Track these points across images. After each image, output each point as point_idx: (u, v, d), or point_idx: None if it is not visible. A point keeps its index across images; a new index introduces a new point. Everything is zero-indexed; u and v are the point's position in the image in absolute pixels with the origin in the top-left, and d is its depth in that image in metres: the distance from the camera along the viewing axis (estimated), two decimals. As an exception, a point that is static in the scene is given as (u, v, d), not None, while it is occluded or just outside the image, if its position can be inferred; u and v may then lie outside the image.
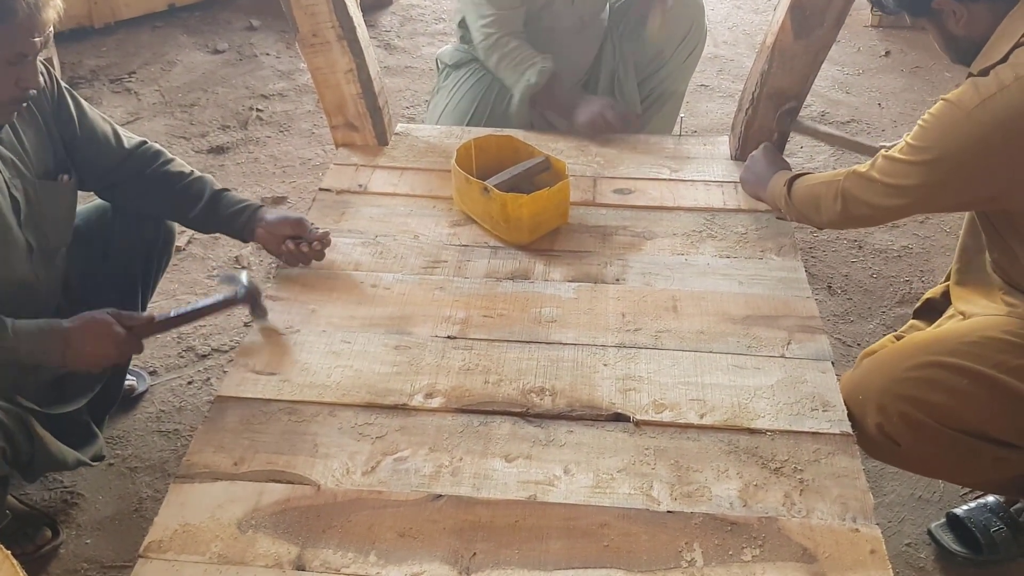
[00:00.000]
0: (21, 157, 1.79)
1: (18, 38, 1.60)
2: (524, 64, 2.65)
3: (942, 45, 1.80)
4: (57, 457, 1.82)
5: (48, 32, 1.65)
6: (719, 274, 2.10)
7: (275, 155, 3.46)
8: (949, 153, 1.68)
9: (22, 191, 1.79)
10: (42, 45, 1.65)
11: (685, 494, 1.58)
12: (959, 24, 1.71)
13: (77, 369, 1.82)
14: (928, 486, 2.15)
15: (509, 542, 1.50)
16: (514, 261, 2.15)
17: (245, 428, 1.71)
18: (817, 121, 3.63)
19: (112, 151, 1.98)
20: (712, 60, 4.14)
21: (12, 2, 1.56)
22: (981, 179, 1.69)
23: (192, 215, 2.04)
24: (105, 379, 2.04)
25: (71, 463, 1.88)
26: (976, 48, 1.72)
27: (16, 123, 1.78)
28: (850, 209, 1.88)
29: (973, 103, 1.64)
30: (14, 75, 1.64)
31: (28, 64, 1.65)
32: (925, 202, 1.81)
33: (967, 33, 1.72)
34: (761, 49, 2.42)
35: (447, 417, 1.73)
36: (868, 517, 1.53)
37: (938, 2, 1.70)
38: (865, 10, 4.37)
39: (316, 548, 1.49)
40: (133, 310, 2.09)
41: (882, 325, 2.62)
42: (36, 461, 1.78)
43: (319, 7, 2.35)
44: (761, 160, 2.31)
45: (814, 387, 1.78)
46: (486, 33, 2.67)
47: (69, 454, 1.86)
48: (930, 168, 1.71)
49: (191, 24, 4.42)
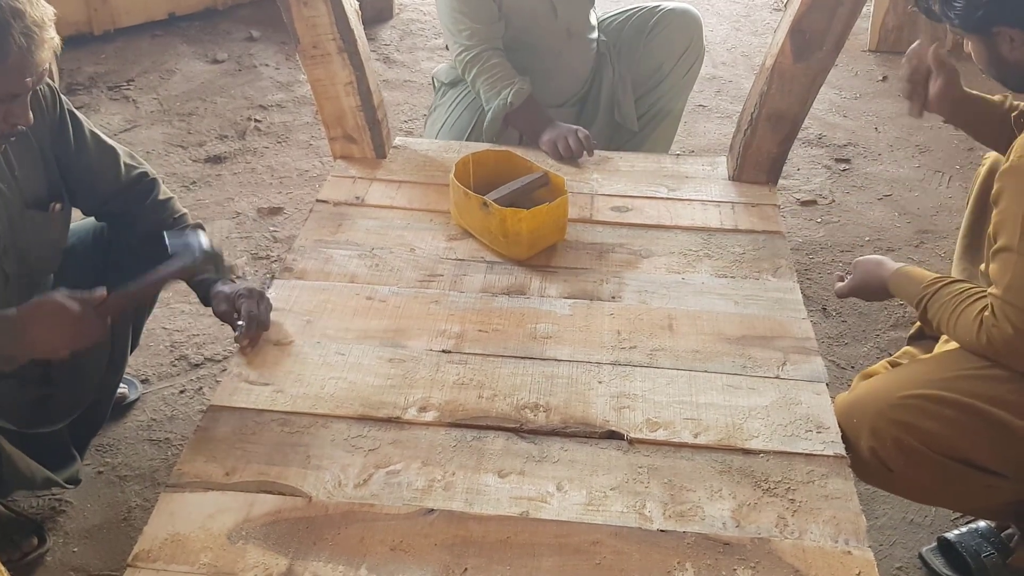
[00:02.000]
0: (9, 184, 1.75)
1: (9, 79, 1.56)
2: (502, 82, 2.69)
3: (985, 64, 1.76)
4: (25, 475, 1.77)
5: (43, 70, 1.61)
6: (715, 294, 2.10)
7: (272, 166, 3.46)
8: None
9: (5, 221, 1.75)
10: (34, 84, 1.61)
11: (678, 513, 1.57)
12: (1014, 52, 1.69)
13: (37, 358, 1.69)
14: (920, 510, 2.15)
15: (501, 558, 1.49)
16: (510, 276, 2.15)
17: (237, 438, 1.70)
18: (813, 144, 3.65)
19: (109, 181, 1.95)
20: (710, 81, 4.16)
21: (4, 44, 1.52)
22: None
23: None
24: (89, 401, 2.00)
25: (39, 483, 1.83)
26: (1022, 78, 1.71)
27: (9, 149, 1.74)
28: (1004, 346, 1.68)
29: None
30: (2, 112, 1.60)
31: (19, 103, 1.61)
32: None
33: (1019, 60, 1.70)
34: (760, 70, 2.44)
35: (440, 431, 1.73)
36: (861, 540, 1.53)
37: (999, 28, 1.68)
38: (863, 35, 4.41)
39: (306, 560, 1.48)
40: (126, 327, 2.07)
41: (876, 348, 2.62)
42: (2, 479, 1.73)
43: (321, 19, 2.35)
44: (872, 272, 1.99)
45: (808, 408, 1.78)
46: (465, 46, 2.70)
47: (39, 473, 1.81)
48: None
49: (191, 33, 4.42)
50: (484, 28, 2.68)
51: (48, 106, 1.81)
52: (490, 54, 2.69)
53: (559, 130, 2.67)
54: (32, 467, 1.79)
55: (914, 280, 1.84)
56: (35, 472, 1.80)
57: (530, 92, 2.69)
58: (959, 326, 1.71)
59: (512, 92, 2.67)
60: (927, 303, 1.78)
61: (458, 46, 2.72)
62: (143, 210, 1.99)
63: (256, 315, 1.90)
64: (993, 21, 1.68)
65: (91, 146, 1.91)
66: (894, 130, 3.79)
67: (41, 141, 1.82)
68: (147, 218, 1.98)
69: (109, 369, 2.05)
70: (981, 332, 1.66)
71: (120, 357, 2.09)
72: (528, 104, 2.70)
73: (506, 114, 2.71)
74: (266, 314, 1.93)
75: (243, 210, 3.20)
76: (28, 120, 1.65)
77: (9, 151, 1.75)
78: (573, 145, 2.63)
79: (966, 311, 1.70)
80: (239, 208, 3.21)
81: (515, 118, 2.73)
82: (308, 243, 2.24)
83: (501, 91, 2.69)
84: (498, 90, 2.69)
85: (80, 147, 1.88)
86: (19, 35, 1.52)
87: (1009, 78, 1.75)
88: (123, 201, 1.98)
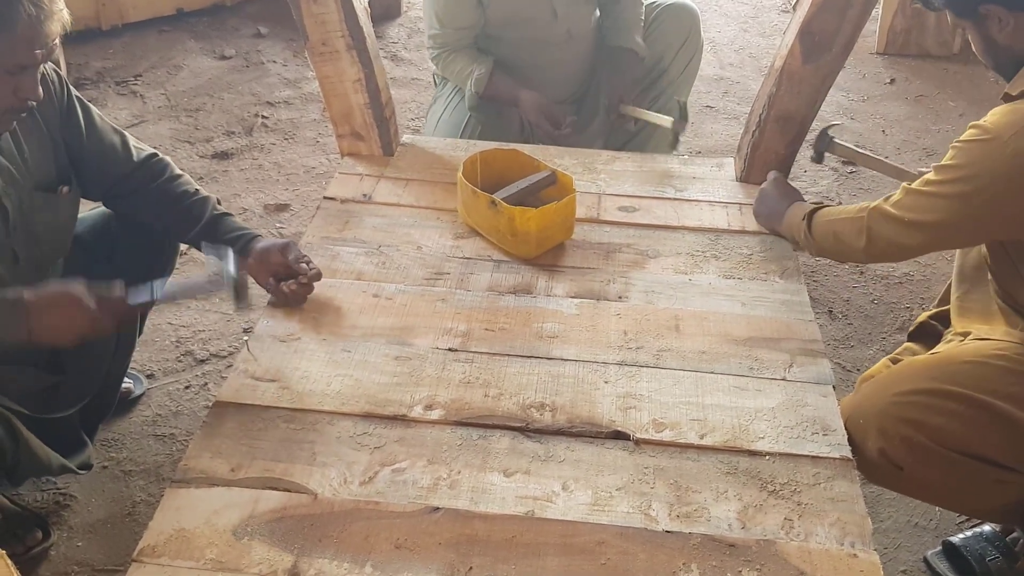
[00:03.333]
0: (18, 166, 1.76)
1: (18, 49, 1.56)
2: (463, 74, 2.80)
3: (981, 50, 1.76)
4: (43, 461, 1.79)
5: (52, 44, 1.61)
6: (722, 295, 2.09)
7: (279, 162, 3.46)
8: (982, 186, 1.62)
9: (15, 200, 1.76)
10: (44, 57, 1.61)
11: (684, 514, 1.57)
12: (1003, 32, 1.68)
13: (45, 344, 1.72)
14: (925, 513, 2.15)
15: (506, 557, 1.49)
16: (517, 275, 2.15)
17: (243, 434, 1.70)
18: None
19: (118, 163, 1.96)
20: (718, 82, 4.15)
21: (13, 12, 1.53)
22: (1015, 216, 1.65)
23: (190, 235, 1.99)
24: (98, 387, 2.01)
25: (55, 469, 1.84)
26: (1015, 62, 1.69)
27: (18, 131, 1.75)
28: (874, 247, 1.84)
29: (1011, 130, 1.59)
30: (12, 85, 1.61)
31: (28, 75, 1.61)
32: (953, 238, 1.77)
33: (1010, 43, 1.69)
34: (769, 72, 2.43)
35: (446, 429, 1.73)
36: (866, 542, 1.53)
37: (985, 7, 1.67)
38: (871, 37, 4.40)
39: (311, 557, 1.48)
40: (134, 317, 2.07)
41: (882, 351, 2.62)
42: (21, 464, 1.74)
43: (330, 16, 2.35)
44: (773, 192, 2.28)
45: (815, 411, 1.78)
46: (429, 46, 2.86)
47: (55, 459, 1.83)
48: (960, 202, 1.66)
49: (199, 29, 4.42)
50: (453, 33, 2.78)
51: (56, 91, 1.82)
52: (449, 53, 2.81)
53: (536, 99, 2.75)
54: (48, 453, 1.80)
55: (805, 206, 2.12)
56: (52, 459, 1.81)
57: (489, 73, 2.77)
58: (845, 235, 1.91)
59: (472, 82, 2.77)
60: (813, 215, 2.02)
61: (428, 44, 2.86)
62: (158, 188, 1.99)
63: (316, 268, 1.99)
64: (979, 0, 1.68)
65: (99, 128, 1.92)
66: (901, 133, 3.79)
67: (49, 125, 1.82)
68: (165, 194, 1.98)
69: (117, 353, 2.06)
70: (863, 225, 1.85)
71: (128, 342, 2.10)
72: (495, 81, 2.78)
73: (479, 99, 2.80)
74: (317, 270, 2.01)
75: (250, 206, 3.20)
76: (38, 95, 1.65)
77: (19, 133, 1.75)
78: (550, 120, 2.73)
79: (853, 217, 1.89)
80: (246, 204, 3.21)
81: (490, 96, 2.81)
82: (315, 240, 2.24)
83: (466, 82, 2.79)
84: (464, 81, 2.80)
85: (90, 131, 1.89)
86: (29, 3, 1.53)
87: (1003, 64, 1.74)
88: (134, 182, 1.98)
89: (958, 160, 1.67)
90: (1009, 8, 1.66)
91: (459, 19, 2.74)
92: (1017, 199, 1.62)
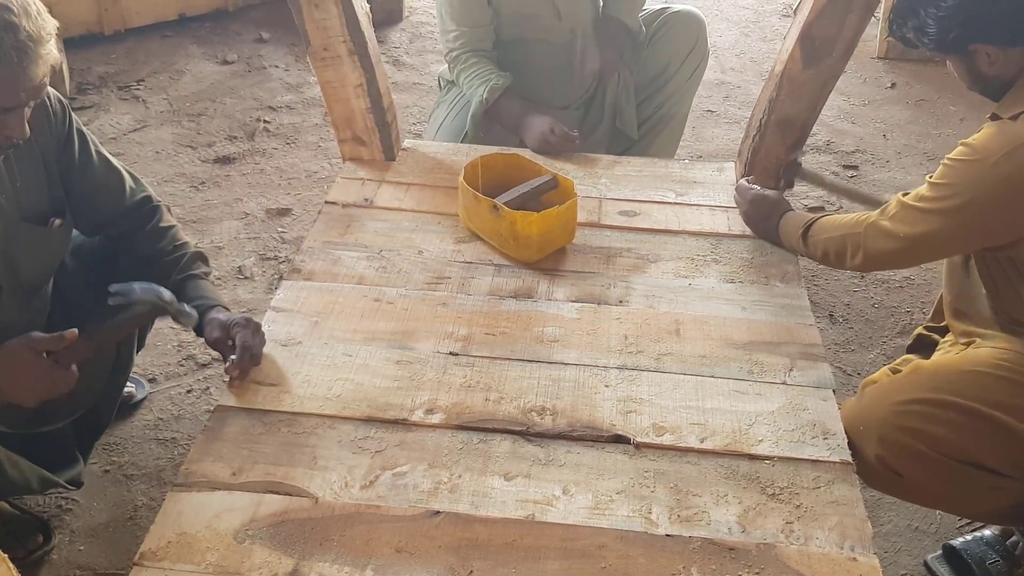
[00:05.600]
0: (8, 196, 1.73)
1: (2, 93, 1.54)
2: (479, 79, 2.74)
3: (968, 82, 1.80)
4: (17, 482, 1.74)
5: (41, 83, 1.59)
6: (722, 299, 2.10)
7: (281, 167, 3.47)
8: (971, 202, 1.68)
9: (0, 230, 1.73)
10: (30, 98, 1.59)
11: (684, 518, 1.57)
12: (992, 66, 1.71)
13: (5, 403, 1.66)
14: (925, 517, 2.15)
15: (506, 561, 1.49)
16: (518, 279, 2.15)
17: (244, 438, 1.70)
18: (821, 151, 3.64)
19: (110, 203, 1.92)
20: (719, 86, 4.16)
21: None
22: (1001, 229, 1.69)
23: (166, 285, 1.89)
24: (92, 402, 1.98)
25: (35, 486, 1.80)
26: (1005, 86, 1.72)
27: (12, 161, 1.73)
28: (871, 261, 1.90)
29: (999, 152, 1.63)
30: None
31: (13, 115, 1.58)
32: (943, 248, 1.83)
33: (998, 73, 1.72)
34: (770, 77, 2.43)
35: (447, 433, 1.73)
36: (866, 546, 1.53)
37: (975, 47, 1.70)
38: (872, 42, 4.40)
39: (312, 561, 1.48)
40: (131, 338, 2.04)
41: (883, 355, 2.62)
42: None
43: (331, 22, 2.36)
44: (764, 201, 2.27)
45: (815, 415, 1.78)
46: (449, 47, 2.79)
47: (35, 477, 1.78)
48: (950, 216, 1.71)
49: (201, 34, 4.44)
50: (470, 31, 2.75)
51: (57, 120, 1.79)
52: (469, 55, 2.76)
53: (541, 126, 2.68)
54: (25, 471, 1.76)
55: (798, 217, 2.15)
56: (29, 476, 1.77)
57: (506, 87, 2.73)
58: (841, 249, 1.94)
59: (487, 89, 2.72)
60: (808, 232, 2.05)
61: (446, 47, 2.81)
62: (143, 236, 1.95)
63: (250, 346, 1.82)
64: (968, 40, 1.71)
65: (96, 165, 1.88)
66: (902, 137, 3.79)
67: (46, 155, 1.80)
68: (146, 244, 1.94)
69: (115, 371, 2.04)
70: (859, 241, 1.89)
71: (126, 359, 2.09)
72: (505, 98, 2.74)
73: (486, 110, 2.75)
74: (260, 347, 1.86)
75: (251, 211, 3.21)
76: (24, 134, 1.62)
77: (12, 162, 1.73)
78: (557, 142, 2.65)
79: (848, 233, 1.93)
80: (247, 209, 3.22)
81: (495, 113, 2.77)
82: (316, 244, 2.25)
83: (478, 88, 2.74)
84: (475, 87, 2.75)
85: (84, 165, 1.86)
86: (11, 49, 1.50)
87: (992, 90, 1.77)
88: (123, 225, 1.95)
89: (948, 179, 1.73)
90: (1002, 47, 1.68)
91: (471, 17, 2.72)
92: (1003, 213, 1.68)
